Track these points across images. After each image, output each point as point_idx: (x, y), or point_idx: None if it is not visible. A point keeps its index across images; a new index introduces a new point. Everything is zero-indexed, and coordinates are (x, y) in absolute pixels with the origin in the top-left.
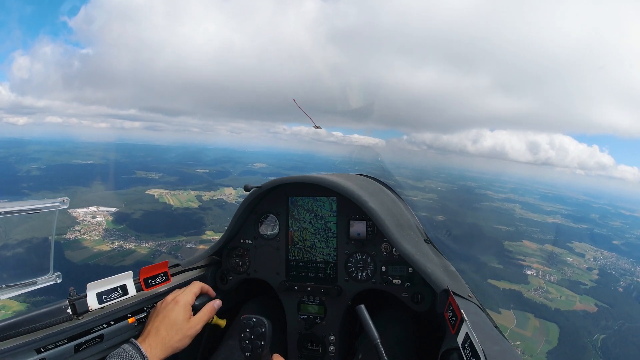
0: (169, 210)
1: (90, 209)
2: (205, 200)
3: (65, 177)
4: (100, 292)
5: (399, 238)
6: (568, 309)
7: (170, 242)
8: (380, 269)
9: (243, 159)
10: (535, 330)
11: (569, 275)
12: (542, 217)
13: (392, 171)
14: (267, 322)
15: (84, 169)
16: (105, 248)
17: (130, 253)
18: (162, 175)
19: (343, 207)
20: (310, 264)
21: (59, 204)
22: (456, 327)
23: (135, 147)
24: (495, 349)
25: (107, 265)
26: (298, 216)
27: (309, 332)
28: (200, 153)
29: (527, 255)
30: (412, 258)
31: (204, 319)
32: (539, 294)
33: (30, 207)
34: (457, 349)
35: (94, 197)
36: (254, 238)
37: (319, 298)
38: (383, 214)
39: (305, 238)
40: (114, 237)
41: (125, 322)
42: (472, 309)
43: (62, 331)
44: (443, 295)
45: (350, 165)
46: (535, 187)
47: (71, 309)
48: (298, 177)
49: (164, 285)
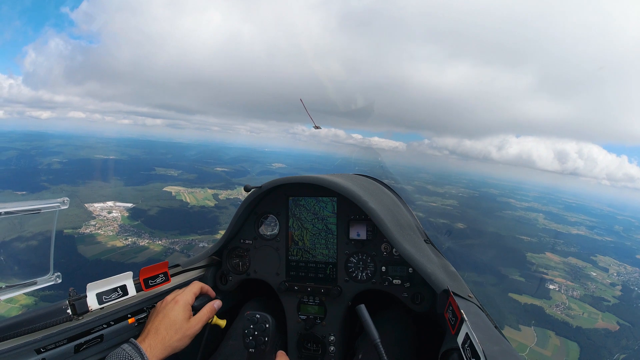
0: (185, 207)
1: (107, 204)
2: (222, 199)
3: (85, 171)
4: (100, 293)
5: (399, 238)
6: (590, 327)
7: (183, 240)
8: (380, 269)
9: (262, 159)
10: (555, 349)
11: (592, 290)
12: (566, 228)
13: (412, 175)
14: (271, 318)
15: (104, 163)
16: (118, 244)
17: (143, 250)
18: (181, 173)
19: (343, 207)
20: (310, 264)
21: (59, 204)
22: (456, 327)
23: (156, 144)
24: (495, 349)
25: (118, 262)
26: (300, 216)
27: (309, 333)
28: (220, 151)
29: (549, 268)
30: (412, 258)
31: (203, 319)
32: (560, 310)
33: (30, 208)
34: (457, 349)
35: (112, 192)
36: (254, 238)
37: (319, 298)
38: (383, 214)
39: (305, 238)
40: (128, 233)
41: (125, 322)
42: (472, 309)
43: (62, 331)
44: (443, 296)
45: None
46: (559, 196)
47: (71, 309)
48: (298, 178)
49: (164, 285)
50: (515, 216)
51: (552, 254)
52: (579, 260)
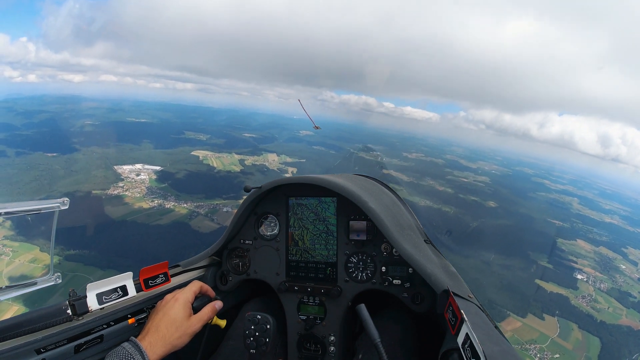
0: (211, 172)
1: (135, 167)
2: (248, 165)
3: (116, 134)
4: (100, 293)
5: (399, 238)
6: (613, 322)
7: (208, 204)
8: (380, 269)
9: (290, 126)
10: (577, 343)
11: (619, 284)
12: (599, 216)
13: (443, 148)
14: (272, 319)
15: (136, 126)
16: (145, 206)
17: (169, 212)
18: (210, 137)
19: (343, 207)
20: (310, 265)
21: (59, 204)
22: (456, 327)
23: (186, 108)
24: (496, 349)
25: (143, 224)
26: (302, 216)
27: (309, 333)
28: (249, 117)
29: (579, 257)
30: (412, 258)
31: (204, 318)
32: (586, 302)
33: (30, 208)
34: (457, 350)
35: (141, 155)
36: (254, 239)
37: (319, 298)
38: (383, 214)
39: (305, 238)
40: (155, 195)
41: (125, 322)
42: (473, 310)
43: (62, 332)
44: (443, 296)
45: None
46: (595, 181)
47: (71, 310)
48: (298, 178)
49: (164, 285)
50: (549, 198)
51: (583, 241)
52: (610, 251)
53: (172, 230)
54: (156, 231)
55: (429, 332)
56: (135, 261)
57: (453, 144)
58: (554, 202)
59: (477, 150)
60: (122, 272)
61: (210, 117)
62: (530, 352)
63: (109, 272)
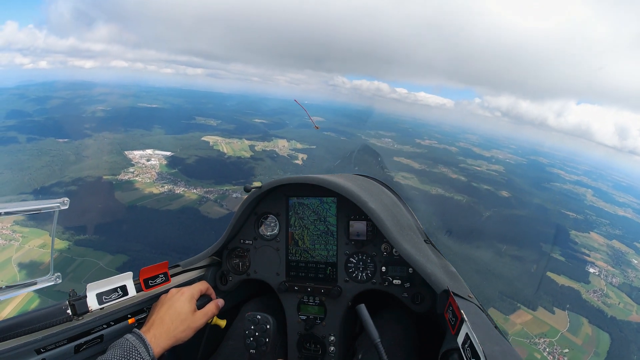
0: (221, 158)
1: (146, 152)
2: (258, 151)
3: (128, 119)
4: (100, 293)
5: (399, 238)
6: (624, 318)
7: (218, 190)
8: (380, 269)
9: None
10: (586, 338)
11: (631, 279)
12: (613, 208)
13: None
14: (272, 319)
15: (147, 112)
16: (155, 191)
17: (178, 197)
18: (220, 123)
19: (343, 207)
20: (310, 265)
21: (59, 204)
22: (456, 327)
23: (197, 94)
24: (496, 349)
25: (153, 209)
26: (302, 216)
27: (309, 333)
28: (260, 103)
29: (592, 250)
30: (412, 258)
31: (209, 314)
32: (597, 297)
33: (30, 208)
34: (457, 350)
35: (152, 141)
36: (253, 239)
37: (319, 298)
38: (383, 214)
39: (305, 238)
40: (165, 180)
41: (125, 322)
42: (472, 310)
43: (62, 332)
44: (443, 296)
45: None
46: (610, 172)
47: (71, 310)
48: (298, 178)
49: (164, 285)
50: (563, 189)
51: (597, 234)
52: (623, 245)
53: (182, 215)
54: (166, 216)
55: (429, 332)
56: (145, 246)
57: (467, 132)
58: (568, 193)
59: (491, 138)
60: (131, 257)
61: (220, 102)
62: (539, 346)
63: (118, 257)
